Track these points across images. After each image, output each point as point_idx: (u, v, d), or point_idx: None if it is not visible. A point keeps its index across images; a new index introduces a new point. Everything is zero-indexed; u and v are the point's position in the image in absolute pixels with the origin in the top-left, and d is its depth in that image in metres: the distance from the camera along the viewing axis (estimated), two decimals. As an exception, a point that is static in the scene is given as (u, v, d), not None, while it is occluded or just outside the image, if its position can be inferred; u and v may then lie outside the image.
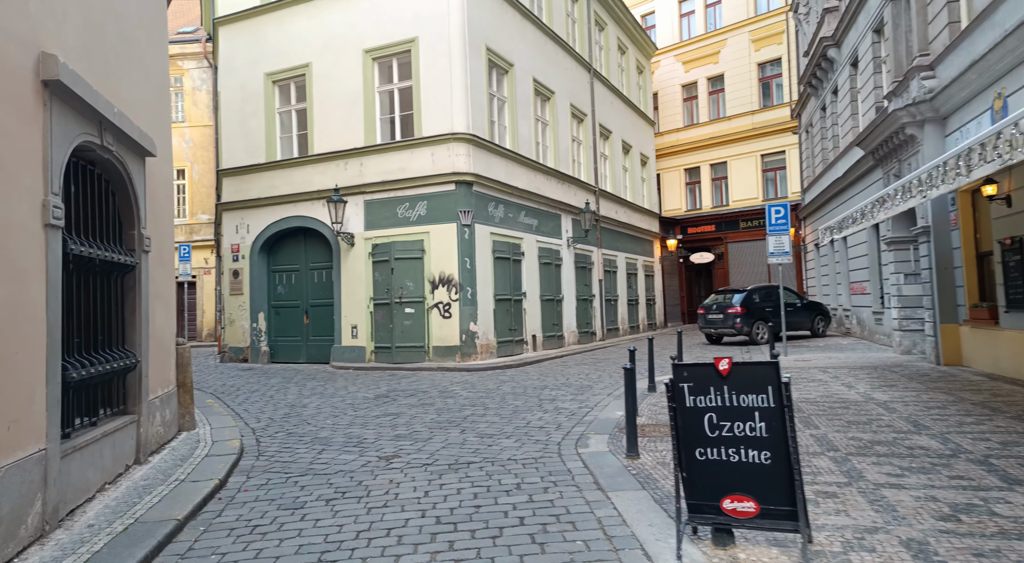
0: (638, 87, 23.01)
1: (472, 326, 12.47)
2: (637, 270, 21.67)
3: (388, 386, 10.14)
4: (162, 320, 5.96)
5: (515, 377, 10.80)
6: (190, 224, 22.20)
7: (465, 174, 12.46)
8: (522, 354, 13.95)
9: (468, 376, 11.13)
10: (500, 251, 13.51)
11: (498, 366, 11.97)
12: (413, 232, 12.84)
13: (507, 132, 14.21)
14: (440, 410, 7.80)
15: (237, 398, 9.34)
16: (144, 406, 5.34)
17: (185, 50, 21.67)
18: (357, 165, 13.42)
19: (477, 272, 12.65)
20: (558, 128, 16.36)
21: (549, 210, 15.73)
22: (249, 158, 14.64)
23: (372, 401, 8.68)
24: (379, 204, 13.18)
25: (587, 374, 10.89)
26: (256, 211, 14.57)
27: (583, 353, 14.97)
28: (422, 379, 10.91)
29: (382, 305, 13.03)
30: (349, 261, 13.44)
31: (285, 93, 14.58)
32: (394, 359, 12.79)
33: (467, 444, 5.96)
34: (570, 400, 8.19)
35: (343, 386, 10.30)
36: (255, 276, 14.60)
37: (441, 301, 12.52)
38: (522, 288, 14.29)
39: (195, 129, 21.66)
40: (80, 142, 4.22)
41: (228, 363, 14.82)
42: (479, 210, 12.84)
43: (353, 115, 13.44)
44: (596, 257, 18.29)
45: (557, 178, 16.11)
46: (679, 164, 25.96)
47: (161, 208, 6.06)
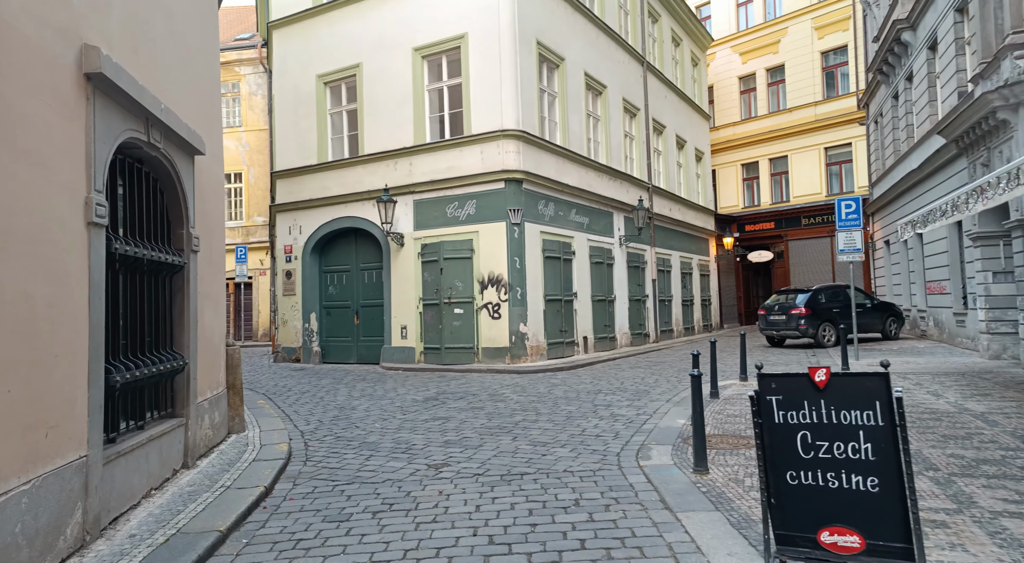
0: (693, 80, 22.22)
1: (522, 327, 12.15)
2: (692, 269, 20.90)
3: (437, 388, 9.93)
4: (211, 321, 5.88)
5: (567, 380, 10.42)
6: (246, 226, 22.75)
7: (515, 171, 12.16)
8: (573, 356, 13.55)
9: (518, 379, 10.83)
10: (550, 250, 13.15)
11: (549, 368, 11.62)
12: (462, 232, 12.63)
13: (557, 128, 13.83)
14: (490, 415, 7.51)
15: (288, 399, 9.32)
16: (192, 409, 5.24)
17: (242, 56, 22.21)
18: (407, 165, 13.32)
19: (527, 272, 12.34)
20: (610, 123, 15.88)
21: (601, 208, 15.27)
22: (301, 160, 14.77)
23: (421, 404, 8.48)
24: (428, 204, 13.03)
25: (642, 378, 10.40)
26: (308, 212, 14.68)
27: (636, 356, 14.45)
28: (471, 381, 10.67)
29: (431, 306, 12.88)
30: (399, 261, 13.35)
31: (336, 94, 14.64)
32: (443, 360, 12.61)
33: (520, 452, 5.64)
34: (626, 406, 7.76)
35: (392, 388, 10.16)
36: (307, 277, 14.71)
37: (490, 301, 12.26)
38: (573, 288, 13.89)
39: (251, 133, 22.17)
40: (125, 138, 4.11)
41: (281, 363, 15.00)
42: (529, 208, 12.52)
43: (402, 114, 13.34)
44: (649, 256, 17.69)
45: (609, 175, 15.63)
46: (736, 159, 24.96)
47: (211, 207, 5.99)
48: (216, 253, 6.14)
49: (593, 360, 12.93)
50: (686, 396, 8.23)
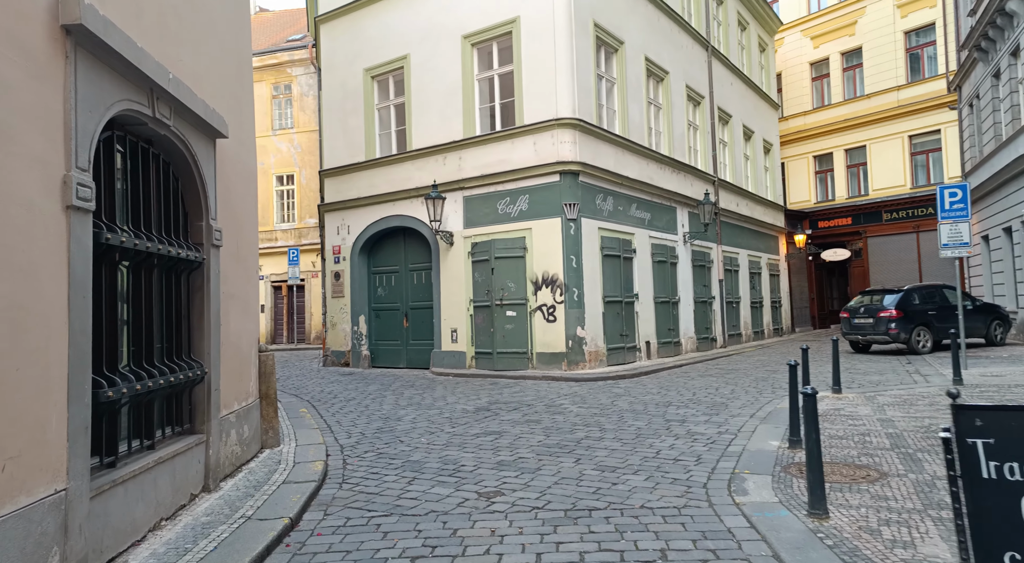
0: (760, 67, 20.76)
1: (579, 331, 11.26)
2: (761, 269, 19.45)
3: (489, 397, 9.17)
4: (238, 324, 5.28)
5: (630, 390, 9.46)
6: (299, 228, 22.72)
7: (570, 163, 11.28)
8: (635, 362, 12.55)
9: (576, 387, 9.94)
10: (609, 248, 12.20)
11: (609, 376, 10.67)
12: (514, 229, 11.85)
13: (616, 117, 12.88)
14: (548, 430, 6.67)
15: (332, 407, 8.75)
16: (214, 424, 4.63)
17: (293, 57, 22.21)
18: (456, 159, 12.66)
19: (584, 271, 11.43)
20: (672, 112, 14.78)
21: (663, 202, 14.19)
22: (349, 157, 14.35)
23: (471, 415, 7.72)
24: (478, 200, 12.32)
25: (716, 388, 9.33)
26: (356, 211, 14.24)
27: (705, 362, 13.29)
28: (526, 389, 9.85)
29: (482, 308, 12.15)
30: (448, 261, 12.70)
31: (384, 88, 14.15)
32: (495, 366, 11.85)
33: (585, 479, 4.78)
34: (704, 422, 6.77)
35: (441, 395, 9.46)
36: (355, 278, 14.27)
37: (545, 303, 11.42)
38: (634, 289, 12.88)
39: (303, 134, 22.13)
40: (121, 110, 3.50)
41: (330, 367, 14.60)
42: (586, 203, 11.62)
43: (451, 106, 12.69)
44: (716, 254, 16.45)
45: (672, 167, 14.53)
46: (807, 151, 23.25)
47: (238, 198, 5.40)
48: (246, 249, 5.55)
49: (657, 367, 11.89)
50: (772, 411, 7.16)
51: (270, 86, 22.98)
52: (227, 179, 5.15)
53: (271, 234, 23.12)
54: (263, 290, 23.05)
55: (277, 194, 23.19)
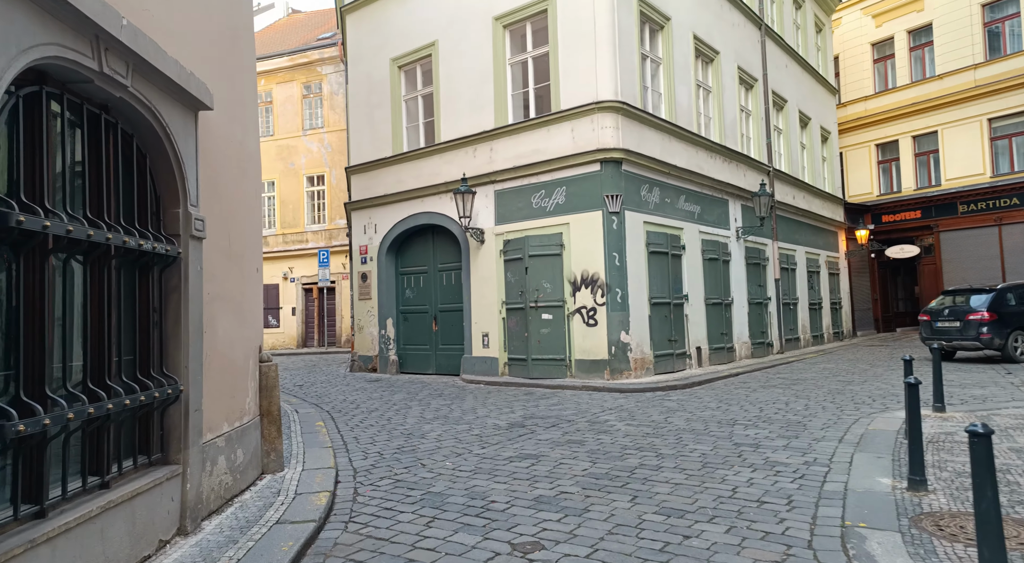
0: (816, 48, 19.29)
1: (623, 336, 10.20)
2: (819, 267, 17.99)
3: (524, 410, 8.22)
4: (230, 331, 4.46)
5: (684, 403, 8.38)
6: (329, 230, 22.24)
7: (612, 150, 10.26)
8: (684, 371, 11.42)
9: (622, 399, 8.90)
10: (656, 244, 11.12)
11: (658, 386, 9.59)
12: (550, 224, 10.88)
13: (662, 100, 11.78)
14: (594, 454, 5.69)
15: (352, 420, 7.94)
16: (193, 452, 3.81)
17: (323, 55, 21.75)
18: (487, 151, 11.77)
19: (628, 270, 10.38)
20: (723, 95, 13.58)
21: (714, 194, 13.01)
22: (375, 152, 13.63)
23: (504, 432, 6.79)
24: (511, 194, 11.40)
25: (786, 403, 8.17)
26: (383, 209, 13.50)
27: (762, 370, 12.06)
28: (564, 401, 8.87)
29: (515, 310, 11.21)
30: (479, 260, 11.81)
31: (411, 78, 13.38)
32: (530, 373, 10.89)
33: (647, 528, 3.79)
34: (783, 448, 5.67)
35: (471, 407, 8.56)
36: (383, 279, 13.52)
37: (584, 305, 10.41)
38: (683, 289, 11.75)
39: (332, 134, 21.63)
40: (48, 58, 2.70)
41: (357, 372, 13.89)
42: (629, 194, 10.57)
43: (482, 94, 11.82)
44: (771, 251, 15.14)
45: (723, 155, 13.33)
46: (869, 139, 21.57)
47: (230, 183, 4.59)
48: (241, 244, 4.74)
49: (711, 376, 10.74)
50: (865, 434, 6.01)
51: (301, 86, 22.59)
52: (214, 160, 4.34)
53: (301, 236, 22.71)
54: (294, 292, 22.65)
55: (308, 195, 22.77)
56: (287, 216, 22.91)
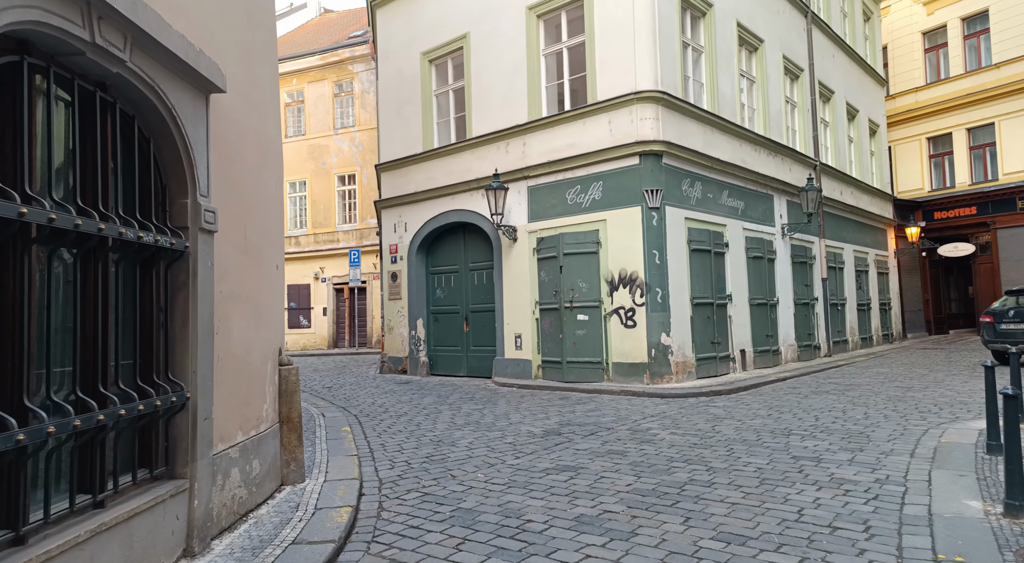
0: (864, 38, 18.36)
1: (664, 338, 9.67)
2: (868, 266, 17.08)
3: (559, 416, 7.78)
4: (246, 332, 4.15)
5: (731, 410, 7.83)
6: (360, 229, 22.14)
7: (652, 142, 9.74)
8: (728, 374, 10.82)
9: (663, 405, 8.39)
10: (698, 241, 10.55)
11: (701, 391, 9.04)
12: (585, 221, 10.41)
13: (704, 90, 11.20)
14: (638, 467, 5.22)
15: (380, 425, 7.62)
16: (202, 465, 3.49)
17: (355, 53, 21.66)
18: (519, 145, 11.36)
19: (669, 268, 9.85)
20: (768, 86, 12.90)
21: (758, 189, 12.35)
22: (406, 149, 13.35)
23: (539, 440, 6.36)
24: (545, 190, 10.96)
25: (843, 411, 7.55)
26: (413, 207, 13.21)
27: (811, 375, 11.36)
28: (602, 406, 8.40)
29: (549, 311, 10.77)
30: (511, 259, 11.41)
31: (442, 72, 13.06)
32: (565, 377, 10.44)
33: (705, 557, 3.32)
34: (848, 463, 5.12)
35: (504, 413, 8.15)
36: (413, 278, 13.24)
37: (622, 306, 9.91)
38: (726, 289, 11.14)
39: (364, 132, 21.52)
40: (28, 22, 2.38)
41: (387, 374, 13.64)
42: (670, 189, 10.03)
43: (515, 87, 11.41)
44: (818, 249, 14.37)
45: (767, 149, 12.66)
46: (919, 132, 20.47)
47: (246, 173, 4.28)
48: (259, 238, 4.43)
49: (757, 380, 10.12)
50: (938, 447, 5.41)
51: (332, 85, 22.55)
52: (228, 147, 4.03)
53: (333, 235, 22.66)
54: (325, 292, 22.62)
55: (339, 194, 22.72)
56: (318, 216, 22.90)
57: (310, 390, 11.24)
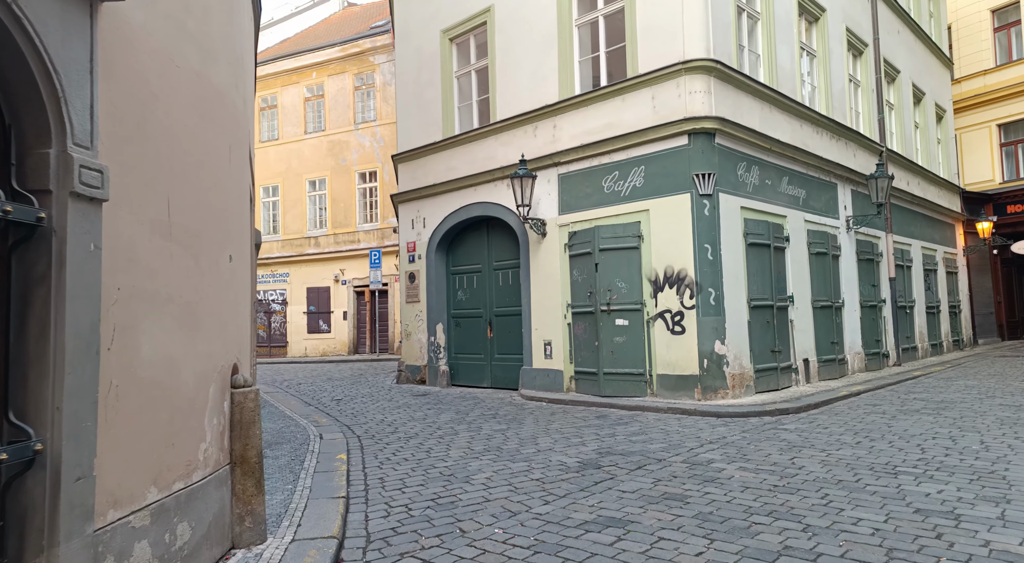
0: (929, 15, 16.63)
1: (718, 346, 8.30)
2: (936, 265, 15.35)
3: (597, 440, 6.49)
4: (165, 347, 2.97)
5: (808, 435, 6.43)
6: (381, 229, 21.15)
7: (704, 119, 8.39)
8: (790, 387, 9.38)
9: (721, 428, 7.02)
10: (755, 234, 9.15)
11: (764, 410, 7.64)
12: (625, 211, 9.10)
13: (760, 63, 9.81)
14: (707, 522, 3.91)
15: (384, 450, 6.44)
16: (70, 550, 2.30)
17: (376, 43, 20.72)
18: (549, 128, 10.11)
19: (723, 265, 8.48)
20: (830, 61, 11.41)
21: (820, 177, 10.87)
22: (425, 137, 12.23)
23: (574, 476, 5.09)
24: (578, 177, 9.69)
25: (950, 436, 6.09)
26: (432, 201, 12.07)
27: (886, 388, 9.83)
28: (648, 428, 7.08)
29: (583, 314, 9.48)
30: (539, 256, 10.16)
31: (464, 51, 11.90)
32: (602, 390, 9.13)
33: None
34: (999, 521, 3.73)
35: (531, 435, 6.89)
36: (432, 279, 12.08)
37: (669, 309, 8.57)
38: (787, 289, 9.71)
39: (385, 127, 20.54)
40: None
41: (404, 384, 12.50)
42: (724, 173, 8.66)
43: (545, 63, 10.18)
44: (886, 245, 12.77)
45: (830, 131, 11.17)
46: (988, 119, 18.58)
47: (172, 124, 3.11)
48: (193, 217, 3.26)
49: (827, 395, 8.66)
50: None
51: (352, 77, 21.65)
52: (142, 84, 2.86)
53: (353, 235, 21.73)
54: (345, 296, 21.68)
55: (359, 192, 21.78)
56: (338, 215, 22.00)
57: (317, 403, 10.17)
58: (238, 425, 3.68)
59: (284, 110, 22.86)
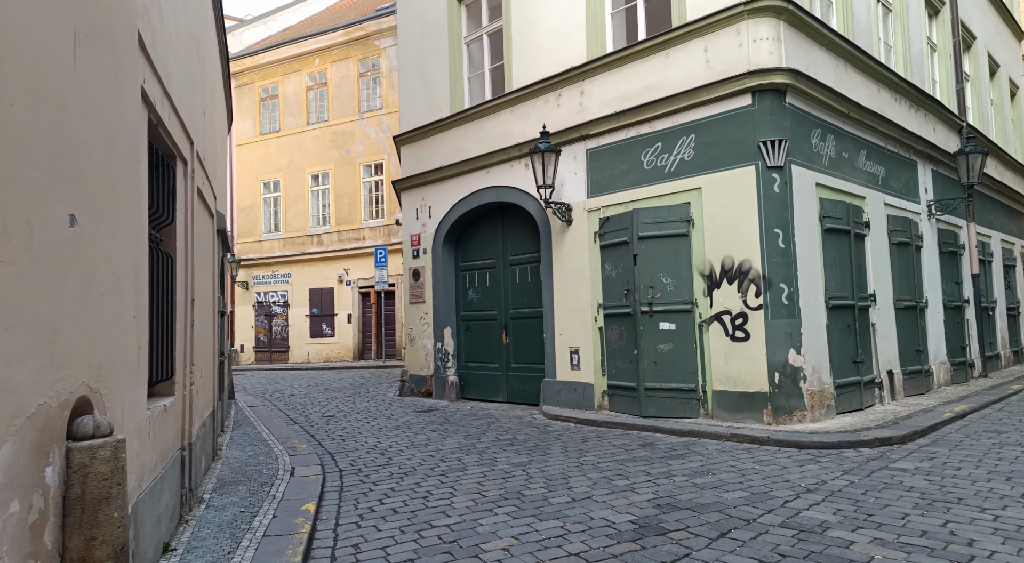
0: (998, -25, 14.78)
1: (793, 356, 6.61)
2: (1015, 260, 13.49)
3: (651, 484, 4.84)
4: None
5: (940, 480, 4.72)
6: (388, 225, 19.66)
7: (774, 72, 6.72)
8: (873, 405, 7.66)
9: (812, 464, 5.33)
10: (833, 217, 7.46)
11: (860, 439, 5.94)
12: (671, 191, 7.46)
13: (833, 12, 8.12)
14: None
15: (369, 496, 4.86)
16: None
17: (381, 26, 19.28)
18: (575, 95, 8.50)
19: (797, 254, 6.80)
20: (907, 17, 9.69)
21: (899, 152, 9.15)
22: (430, 114, 10.68)
23: (632, 553, 3.44)
24: (610, 152, 8.07)
25: None
26: (439, 187, 10.51)
27: (989, 407, 8.04)
28: (714, 464, 5.41)
29: (618, 317, 7.84)
30: (564, 247, 8.54)
31: (474, 13, 10.34)
32: (643, 409, 7.47)
33: None
34: None
35: (560, 474, 5.26)
36: (439, 277, 10.52)
37: (728, 310, 6.91)
38: (868, 286, 7.99)
39: (391, 115, 19.04)
40: None
41: (408, 397, 10.93)
42: (796, 141, 6.98)
43: (569, 18, 8.58)
44: (968, 236, 10.97)
45: (909, 100, 9.43)
46: (1063, 96, 16.60)
47: None
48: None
49: (929, 419, 6.91)
50: None
51: (357, 63, 20.23)
52: None
53: (358, 233, 20.27)
54: (350, 297, 20.20)
55: (365, 186, 20.32)
56: (342, 211, 20.55)
57: (304, 421, 8.64)
58: (78, 505, 2.12)
59: (286, 100, 21.51)
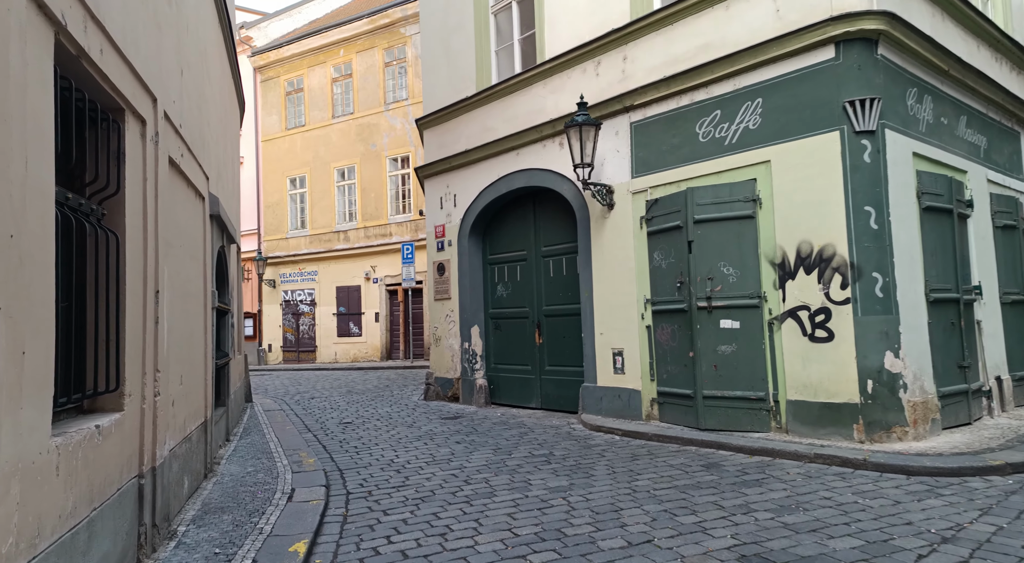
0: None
1: (890, 359, 5.45)
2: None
3: (728, 525, 3.78)
4: None
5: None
6: (415, 220, 18.87)
7: (863, 17, 5.56)
8: (981, 418, 6.41)
9: (933, 499, 4.19)
10: (932, 194, 6.24)
11: (989, 464, 4.76)
12: (733, 166, 6.34)
13: (924, -49, 6.87)
14: None
15: (375, 532, 3.94)
16: None
17: (407, 12, 18.49)
18: (617, 61, 7.45)
19: (893, 237, 5.61)
20: (1004, -38, 8.34)
21: (1001, 121, 7.83)
22: (454, 94, 9.75)
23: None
24: (659, 124, 6.99)
25: None
26: (464, 173, 9.58)
27: None
28: (802, 496, 4.31)
29: (670, 313, 6.75)
30: (605, 235, 7.49)
31: (501, -20, 9.38)
32: (701, 421, 6.37)
33: None
34: None
35: (610, 505, 4.23)
36: (465, 271, 9.59)
37: (806, 304, 5.78)
38: (972, 276, 6.73)
39: (417, 105, 18.23)
40: None
41: (433, 401, 10.03)
42: (890, 102, 5.79)
43: (608, -26, 7.53)
44: (1074, 219, 9.48)
45: (1011, 60, 8.09)
46: None
47: None
48: None
49: (1058, 436, 5.64)
50: None
51: (382, 52, 19.50)
52: None
53: (385, 229, 19.54)
54: (377, 295, 19.49)
55: (391, 180, 19.57)
56: (368, 207, 19.84)
57: (319, 429, 7.81)
58: None
59: (311, 93, 20.93)
